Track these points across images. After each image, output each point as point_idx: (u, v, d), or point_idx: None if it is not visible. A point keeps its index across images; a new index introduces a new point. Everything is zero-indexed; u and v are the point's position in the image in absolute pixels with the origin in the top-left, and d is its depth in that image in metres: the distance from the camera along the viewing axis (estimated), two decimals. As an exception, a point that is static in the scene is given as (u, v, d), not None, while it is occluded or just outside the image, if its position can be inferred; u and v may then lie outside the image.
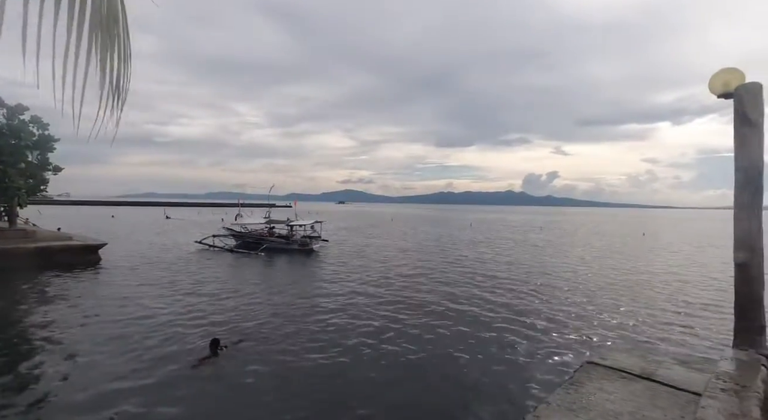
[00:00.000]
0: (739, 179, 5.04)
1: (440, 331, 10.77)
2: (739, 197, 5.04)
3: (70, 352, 8.82)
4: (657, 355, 6.73)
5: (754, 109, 5.04)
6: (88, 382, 7.39)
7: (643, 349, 7.37)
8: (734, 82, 5.30)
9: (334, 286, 16.12)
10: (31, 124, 22.16)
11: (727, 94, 5.37)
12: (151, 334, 9.98)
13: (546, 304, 13.75)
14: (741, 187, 5.01)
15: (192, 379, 7.64)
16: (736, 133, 5.16)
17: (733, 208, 5.17)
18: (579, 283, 17.55)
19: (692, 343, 9.47)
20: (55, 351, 8.94)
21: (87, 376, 7.69)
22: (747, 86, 5.14)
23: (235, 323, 10.95)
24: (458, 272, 19.62)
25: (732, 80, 5.33)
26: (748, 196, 4.98)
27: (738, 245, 5.04)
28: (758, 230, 4.95)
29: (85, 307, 12.63)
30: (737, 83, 5.25)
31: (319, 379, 7.79)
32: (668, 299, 14.48)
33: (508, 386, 7.53)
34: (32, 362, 8.26)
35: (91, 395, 6.95)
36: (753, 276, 4.92)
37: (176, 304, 12.91)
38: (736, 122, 5.17)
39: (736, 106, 5.20)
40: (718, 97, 5.47)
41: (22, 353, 8.81)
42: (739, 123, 5.12)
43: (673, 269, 21.56)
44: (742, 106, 5.13)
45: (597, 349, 8.67)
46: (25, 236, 20.64)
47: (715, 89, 5.47)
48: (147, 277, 17.27)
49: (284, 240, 28.22)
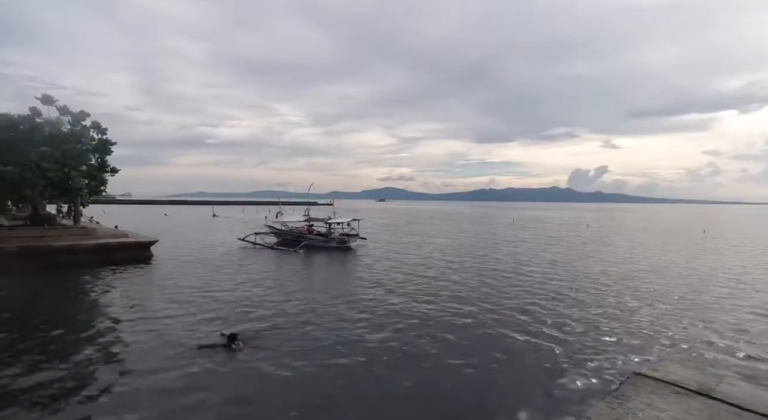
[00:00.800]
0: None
1: (473, 332, 10.43)
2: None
3: (106, 344, 9.51)
4: (717, 368, 6.09)
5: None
6: (123, 369, 7.92)
7: (700, 360, 6.68)
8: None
9: (368, 286, 16.12)
10: (92, 129, 23.92)
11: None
12: (189, 328, 10.44)
13: (590, 307, 12.95)
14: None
15: (205, 370, 8.02)
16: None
17: None
18: (625, 285, 16.43)
19: (758, 355, 8.40)
20: (99, 342, 9.67)
21: (122, 364, 8.20)
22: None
23: (263, 319, 11.24)
24: (498, 273, 19.00)
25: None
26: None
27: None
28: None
29: (132, 300, 13.50)
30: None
31: (329, 379, 7.79)
32: (732, 305, 13.13)
33: (548, 395, 7.09)
34: (78, 350, 8.91)
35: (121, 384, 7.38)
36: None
37: (213, 301, 13.40)
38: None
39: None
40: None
41: (71, 342, 9.54)
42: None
43: (738, 271, 19.68)
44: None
45: (646, 359, 7.95)
46: (86, 233, 22.33)
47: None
48: (192, 272, 18.15)
49: (323, 238, 28.65)
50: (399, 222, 60.98)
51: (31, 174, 20.26)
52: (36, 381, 7.42)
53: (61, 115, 22.89)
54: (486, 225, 55.42)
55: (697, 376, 5.80)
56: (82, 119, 23.60)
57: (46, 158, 20.75)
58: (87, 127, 23.72)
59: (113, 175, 25.44)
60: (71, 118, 23.23)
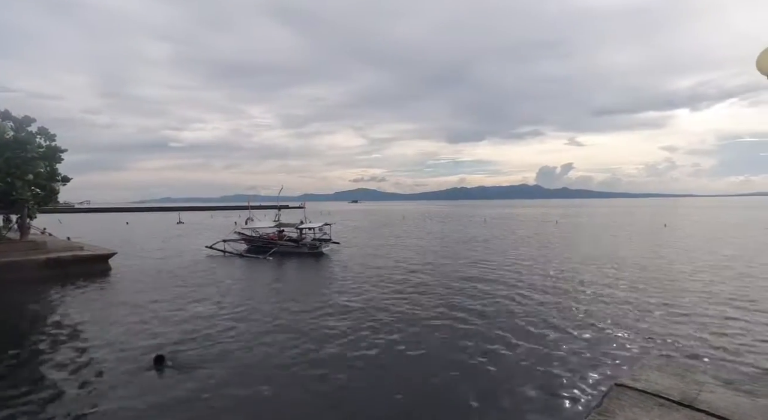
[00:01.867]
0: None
1: (447, 340, 10.14)
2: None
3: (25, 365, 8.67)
4: (696, 374, 5.99)
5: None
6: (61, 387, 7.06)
7: (678, 364, 6.62)
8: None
9: (338, 294, 15.58)
10: (38, 136, 22.22)
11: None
12: (131, 348, 9.66)
13: (562, 310, 12.97)
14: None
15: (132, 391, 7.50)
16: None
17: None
18: (598, 284, 16.68)
19: (732, 356, 8.49)
20: (42, 360, 8.75)
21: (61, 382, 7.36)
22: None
23: (209, 336, 10.51)
24: (473, 274, 18.91)
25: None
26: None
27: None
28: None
29: (78, 319, 12.51)
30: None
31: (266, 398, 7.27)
32: (703, 301, 13.46)
33: (520, 411, 6.82)
34: (30, 370, 7.98)
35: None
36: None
37: (169, 317, 12.47)
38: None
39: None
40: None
41: (23, 362, 8.56)
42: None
43: (703, 264, 20.45)
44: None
45: (624, 366, 7.85)
46: (35, 248, 20.68)
47: (764, 67, 4.72)
48: (153, 285, 17.05)
49: (294, 243, 27.89)
50: (371, 224, 60.66)
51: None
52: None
53: (2, 120, 21.11)
54: (458, 225, 55.88)
55: (678, 385, 5.66)
56: (27, 125, 21.87)
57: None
58: (33, 134, 22.01)
59: (65, 184, 23.77)
60: (14, 124, 21.47)
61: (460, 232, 42.47)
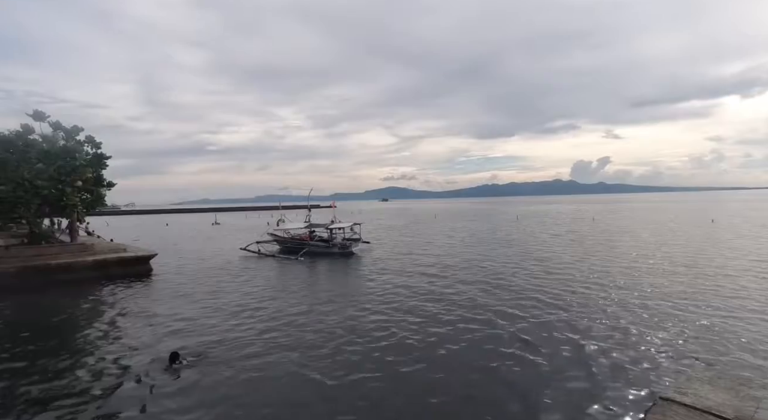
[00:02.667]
0: None
1: (477, 346, 9.90)
2: None
3: (64, 363, 9.38)
4: (753, 388, 5.54)
5: None
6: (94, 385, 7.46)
7: (731, 377, 6.14)
8: None
9: (368, 294, 15.66)
10: (85, 144, 23.56)
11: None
12: (171, 342, 10.02)
13: (602, 315, 12.42)
14: None
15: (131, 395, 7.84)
16: None
17: None
18: (637, 286, 15.87)
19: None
20: (63, 357, 9.44)
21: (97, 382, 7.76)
22: None
23: (247, 333, 10.78)
24: (502, 275, 18.47)
25: None
26: None
27: None
28: None
29: (122, 317, 13.29)
30: None
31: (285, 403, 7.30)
32: (759, 307, 12.52)
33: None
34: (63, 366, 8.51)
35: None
36: None
37: (207, 315, 13.05)
38: None
39: None
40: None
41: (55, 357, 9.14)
42: None
43: (754, 265, 19.07)
44: None
45: (671, 378, 7.31)
46: (84, 250, 21.99)
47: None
48: (191, 286, 17.75)
49: (325, 244, 28.23)
50: (402, 223, 60.49)
51: (24, 192, 19.95)
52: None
53: (54, 131, 22.55)
54: (490, 222, 54.83)
55: (731, 401, 5.26)
56: (75, 134, 23.24)
57: (40, 175, 20.45)
58: (81, 142, 23.37)
59: (110, 189, 25.10)
60: (64, 134, 22.88)
61: (491, 231, 41.64)
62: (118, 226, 64.76)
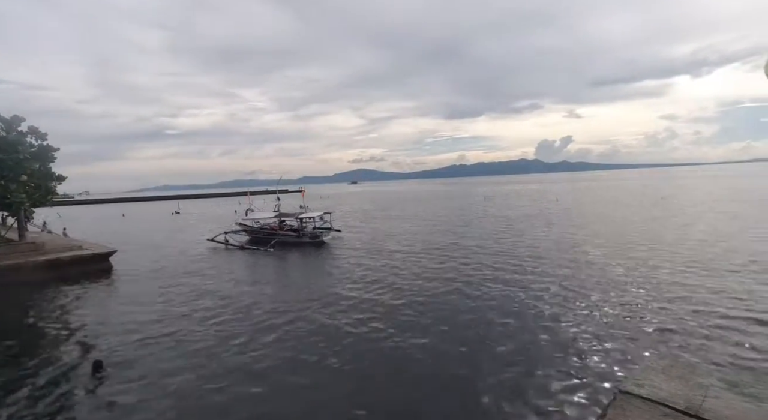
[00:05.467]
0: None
1: (447, 333, 10.19)
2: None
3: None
4: (701, 376, 5.97)
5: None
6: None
7: (682, 366, 6.59)
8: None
9: (339, 284, 15.71)
10: (28, 135, 21.80)
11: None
12: (121, 344, 9.71)
13: (563, 299, 12.98)
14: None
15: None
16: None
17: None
18: (597, 268, 16.69)
19: (736, 351, 8.40)
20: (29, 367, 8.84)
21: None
22: (816, 70, 4.15)
23: (210, 330, 10.60)
24: (474, 261, 18.90)
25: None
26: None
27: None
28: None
29: (77, 320, 12.67)
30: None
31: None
32: (706, 288, 13.41)
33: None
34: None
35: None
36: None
37: (172, 314, 12.65)
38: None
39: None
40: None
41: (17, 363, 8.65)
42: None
43: (692, 239, 20.44)
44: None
45: (629, 367, 7.76)
46: (35, 249, 20.64)
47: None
48: (153, 286, 17.00)
49: (295, 233, 27.83)
50: (372, 207, 60.50)
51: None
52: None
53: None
54: (458, 205, 55.77)
55: (682, 390, 5.64)
56: (16, 125, 21.40)
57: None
58: (23, 133, 21.59)
59: (60, 183, 23.49)
60: (4, 125, 21.03)
61: (460, 214, 42.38)
62: (71, 216, 61.02)
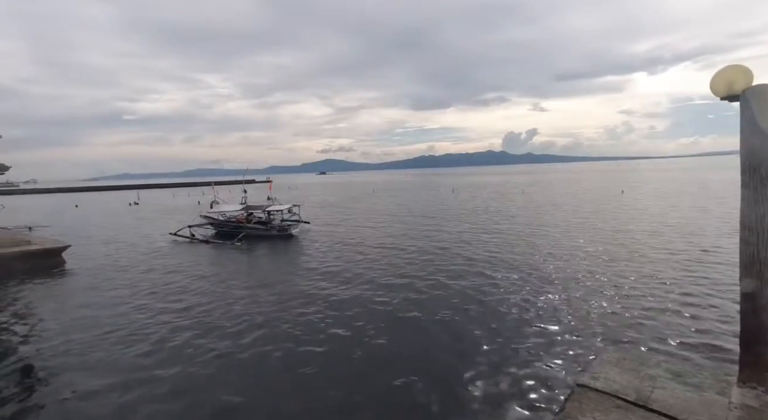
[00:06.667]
0: (747, 198, 4.47)
1: (415, 329, 10.40)
2: (746, 218, 4.49)
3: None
4: (650, 367, 6.41)
5: (765, 116, 4.39)
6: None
7: (634, 356, 7.04)
8: (741, 82, 4.61)
9: (307, 278, 15.63)
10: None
11: (733, 97, 4.69)
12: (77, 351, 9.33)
13: (521, 292, 13.52)
14: (750, 206, 4.45)
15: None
16: (743, 144, 4.53)
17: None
18: (555, 263, 17.44)
19: (683, 339, 9.11)
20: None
21: None
22: (756, 89, 4.47)
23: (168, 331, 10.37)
24: (445, 254, 19.25)
25: (737, 80, 4.63)
26: (756, 218, 4.43)
27: (745, 272, 4.55)
28: (767, 255, 4.43)
29: (24, 325, 11.82)
30: (744, 85, 4.56)
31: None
32: (658, 281, 14.34)
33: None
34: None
35: None
36: (761, 306, 4.46)
37: (128, 320, 12.07)
38: (744, 131, 4.52)
39: (742, 112, 4.54)
40: (721, 99, 4.79)
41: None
42: (748, 132, 4.47)
43: (656, 233, 21.75)
44: (751, 111, 4.47)
45: (587, 359, 8.24)
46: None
47: (718, 90, 4.78)
48: (109, 284, 16.15)
49: (263, 226, 27.34)
50: (341, 198, 60.25)
51: None
52: None
53: None
54: (428, 197, 56.46)
55: (633, 382, 6.03)
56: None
57: None
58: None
59: (2, 173, 21.87)
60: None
61: (429, 206, 42.93)
62: (15, 207, 56.87)
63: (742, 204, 4.52)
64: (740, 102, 4.55)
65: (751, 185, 4.40)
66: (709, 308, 10.85)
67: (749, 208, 4.42)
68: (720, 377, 5.87)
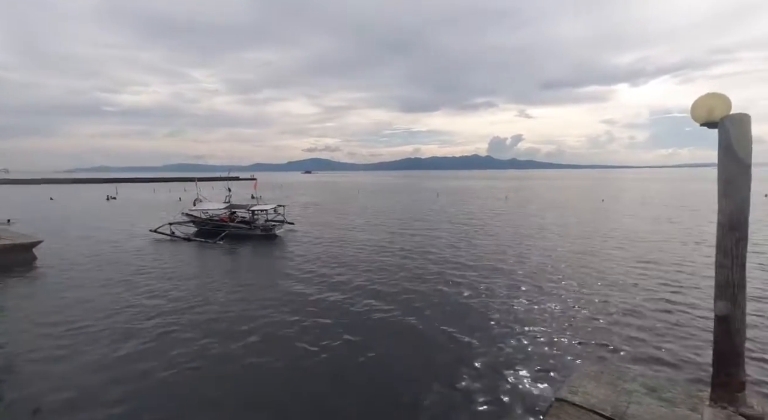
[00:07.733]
0: (722, 223, 4.62)
1: (393, 338, 10.42)
2: (721, 242, 4.64)
3: None
4: (626, 382, 6.55)
5: (741, 144, 4.54)
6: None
7: (612, 371, 7.18)
8: (719, 110, 4.76)
9: (291, 280, 15.53)
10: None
11: (712, 124, 4.85)
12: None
13: (501, 304, 13.69)
14: (724, 232, 4.60)
15: None
16: (721, 171, 4.68)
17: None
18: (542, 276, 17.71)
19: (657, 354, 9.28)
20: None
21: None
22: (734, 118, 4.62)
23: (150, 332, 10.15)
24: (429, 259, 19.33)
25: (717, 107, 4.79)
26: (731, 243, 4.58)
27: (719, 294, 4.69)
28: (741, 280, 4.58)
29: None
30: (723, 112, 4.71)
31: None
32: (637, 293, 14.70)
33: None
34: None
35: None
36: (735, 329, 4.61)
37: (100, 323, 11.70)
38: (721, 158, 4.67)
39: (720, 139, 4.69)
40: (701, 125, 4.94)
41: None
42: (725, 159, 4.62)
43: (628, 243, 22.31)
44: (728, 140, 4.62)
45: (565, 373, 8.31)
46: (-58, 239, 18.37)
47: (698, 117, 4.92)
48: (83, 282, 15.68)
49: (247, 226, 26.98)
50: (326, 199, 59.98)
51: None
52: None
53: None
54: (413, 200, 56.69)
55: (610, 397, 6.14)
56: None
57: None
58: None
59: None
60: None
61: (413, 209, 43.10)
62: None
63: (718, 229, 4.67)
64: (719, 129, 4.71)
65: (727, 211, 4.55)
66: (684, 321, 11.18)
67: (724, 233, 4.57)
68: (692, 393, 6.04)
